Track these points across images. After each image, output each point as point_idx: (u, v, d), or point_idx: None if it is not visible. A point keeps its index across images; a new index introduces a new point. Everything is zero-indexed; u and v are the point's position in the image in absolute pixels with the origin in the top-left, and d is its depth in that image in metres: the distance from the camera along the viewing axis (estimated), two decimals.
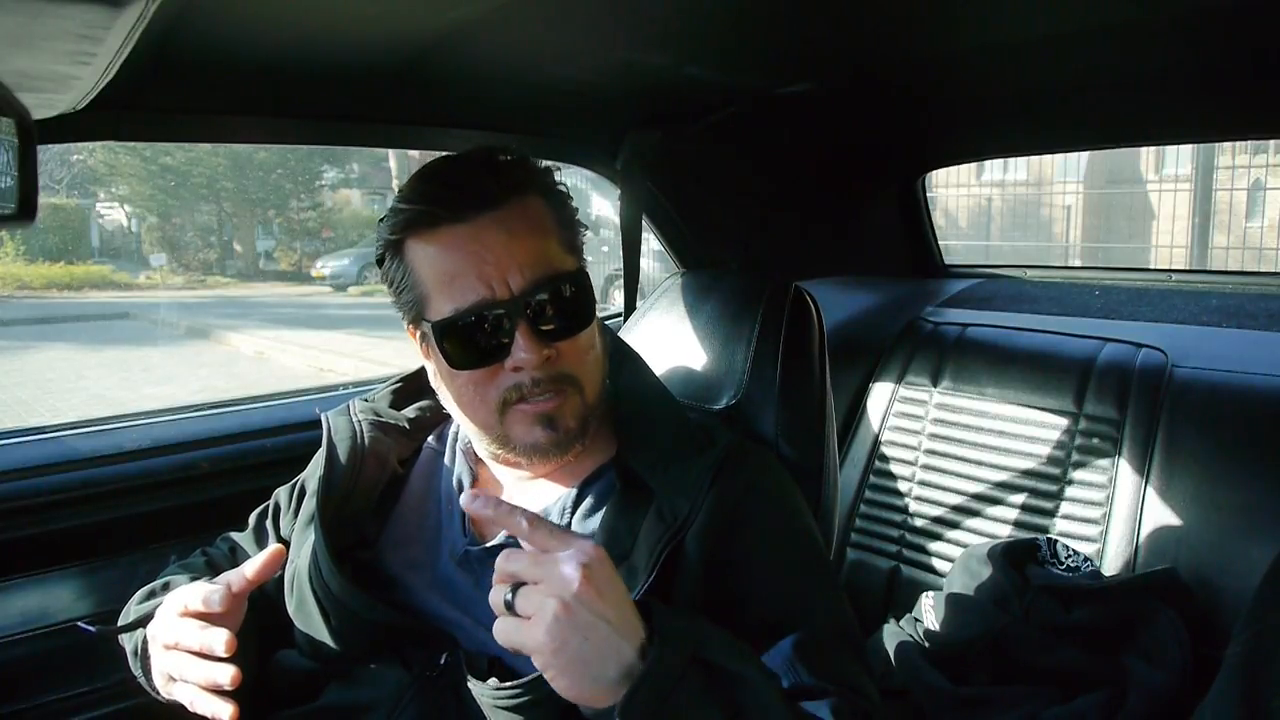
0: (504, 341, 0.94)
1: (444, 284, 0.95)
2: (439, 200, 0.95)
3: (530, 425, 0.97)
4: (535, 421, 0.96)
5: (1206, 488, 1.48)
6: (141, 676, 1.02)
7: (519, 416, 0.97)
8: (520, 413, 0.97)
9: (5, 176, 0.66)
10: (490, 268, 0.93)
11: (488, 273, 0.93)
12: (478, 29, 1.10)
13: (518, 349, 0.93)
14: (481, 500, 0.78)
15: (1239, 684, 0.87)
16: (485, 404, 0.97)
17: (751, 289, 1.24)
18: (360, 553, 1.05)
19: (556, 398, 0.96)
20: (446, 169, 1.00)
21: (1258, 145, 6.17)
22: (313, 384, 3.15)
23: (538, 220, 0.98)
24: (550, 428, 0.97)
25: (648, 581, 0.89)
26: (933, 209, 2.35)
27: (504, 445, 1.00)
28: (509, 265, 0.94)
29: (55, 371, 8.40)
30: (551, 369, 0.96)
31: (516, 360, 0.94)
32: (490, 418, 0.98)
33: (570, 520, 1.01)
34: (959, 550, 1.67)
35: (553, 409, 0.96)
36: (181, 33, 0.98)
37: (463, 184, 0.96)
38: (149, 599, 1.08)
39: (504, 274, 0.93)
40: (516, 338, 0.93)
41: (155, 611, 0.98)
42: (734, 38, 1.24)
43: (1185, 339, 1.72)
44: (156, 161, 14.33)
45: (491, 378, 0.96)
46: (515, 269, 0.94)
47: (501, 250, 0.94)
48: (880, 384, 1.92)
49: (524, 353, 0.93)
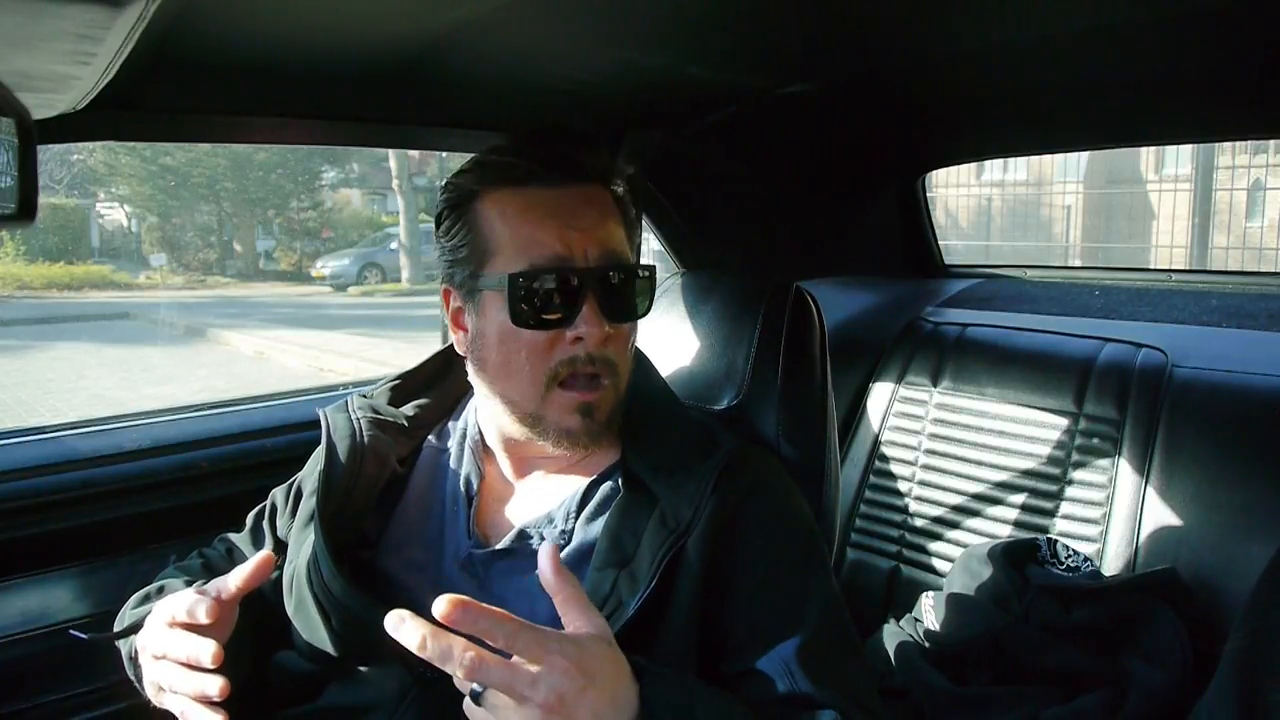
0: (572, 309, 0.95)
1: (522, 240, 0.96)
2: (537, 159, 0.97)
3: (569, 410, 0.98)
4: (575, 408, 0.97)
5: (1206, 488, 1.48)
6: (136, 682, 1.02)
7: (560, 399, 0.98)
8: (563, 396, 0.98)
9: (5, 176, 0.66)
10: (574, 233, 0.95)
11: (570, 237, 0.95)
12: (478, 29, 1.10)
13: (583, 320, 0.94)
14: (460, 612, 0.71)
15: (1237, 679, 0.87)
16: (535, 373, 0.97)
17: (752, 289, 1.24)
18: (360, 553, 1.04)
19: (598, 389, 0.98)
20: (542, 136, 1.01)
21: (1258, 145, 6.16)
22: (312, 384, 3.15)
23: (615, 209, 1.02)
24: (587, 416, 0.98)
25: (649, 588, 0.89)
26: (933, 209, 2.35)
27: (534, 424, 1.00)
28: (590, 237, 0.96)
29: (55, 371, 8.41)
30: (605, 349, 0.97)
31: (579, 330, 0.95)
32: (533, 390, 0.98)
33: (574, 524, 1.01)
34: (959, 550, 1.67)
35: (593, 400, 0.98)
36: (181, 33, 0.98)
37: (561, 151, 0.98)
38: (144, 603, 1.07)
39: (585, 244, 0.95)
40: (583, 309, 0.94)
41: (145, 620, 0.97)
42: (734, 38, 1.24)
43: (1185, 339, 1.72)
44: (156, 161, 14.34)
45: (550, 346, 0.97)
46: (595, 242, 0.96)
47: (586, 221, 0.96)
48: (880, 384, 1.92)
49: (588, 325, 0.94)
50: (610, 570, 0.93)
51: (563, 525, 1.01)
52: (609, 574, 0.93)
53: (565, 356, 0.96)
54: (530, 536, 1.01)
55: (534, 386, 0.98)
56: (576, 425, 0.98)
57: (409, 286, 13.49)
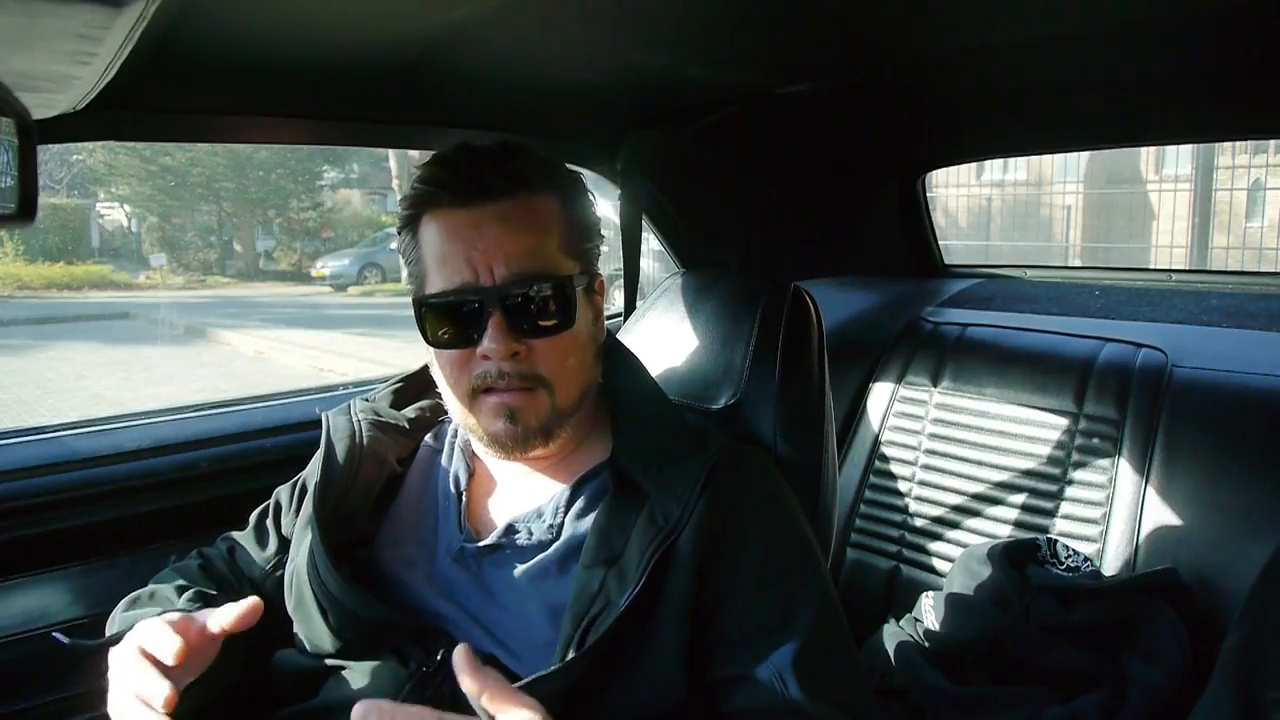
0: (476, 329, 0.96)
1: (438, 263, 0.98)
2: (445, 184, 0.98)
3: (494, 416, 0.99)
4: (499, 413, 0.98)
5: (1206, 488, 1.48)
6: None
7: (485, 405, 0.99)
8: (487, 402, 0.99)
9: (5, 176, 0.66)
10: (478, 254, 0.96)
11: (475, 259, 0.96)
12: (478, 29, 1.10)
13: (487, 338, 0.95)
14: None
15: (1235, 678, 0.87)
16: (459, 387, 1.00)
17: (751, 289, 1.24)
18: (358, 551, 1.05)
19: (522, 394, 0.98)
20: (460, 156, 1.01)
21: (1258, 145, 6.16)
22: (312, 384, 3.15)
23: (540, 219, 1.00)
24: (511, 421, 0.98)
25: (637, 586, 0.89)
26: (933, 209, 2.35)
27: (474, 431, 1.02)
28: (496, 255, 0.96)
29: (55, 371, 8.40)
30: (520, 366, 0.97)
31: (484, 349, 0.96)
32: (462, 401, 1.01)
33: (563, 519, 1.01)
34: (959, 550, 1.67)
35: (516, 403, 0.98)
36: (181, 33, 0.98)
37: (470, 172, 0.98)
38: (133, 606, 1.08)
39: (490, 263, 0.96)
40: (489, 327, 0.95)
41: (124, 634, 0.96)
42: (734, 38, 1.24)
43: (1185, 339, 1.72)
44: (156, 161, 14.33)
45: (465, 362, 0.99)
46: (502, 260, 0.96)
47: (492, 240, 0.96)
48: (880, 384, 1.92)
49: (491, 342, 0.95)
50: (599, 568, 0.93)
51: (551, 520, 1.01)
52: (597, 572, 0.93)
53: (479, 370, 0.98)
54: (518, 531, 1.02)
55: (462, 397, 1.01)
56: (501, 430, 0.99)
57: (409, 286, 13.46)
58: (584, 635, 0.89)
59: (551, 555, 0.99)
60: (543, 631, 0.94)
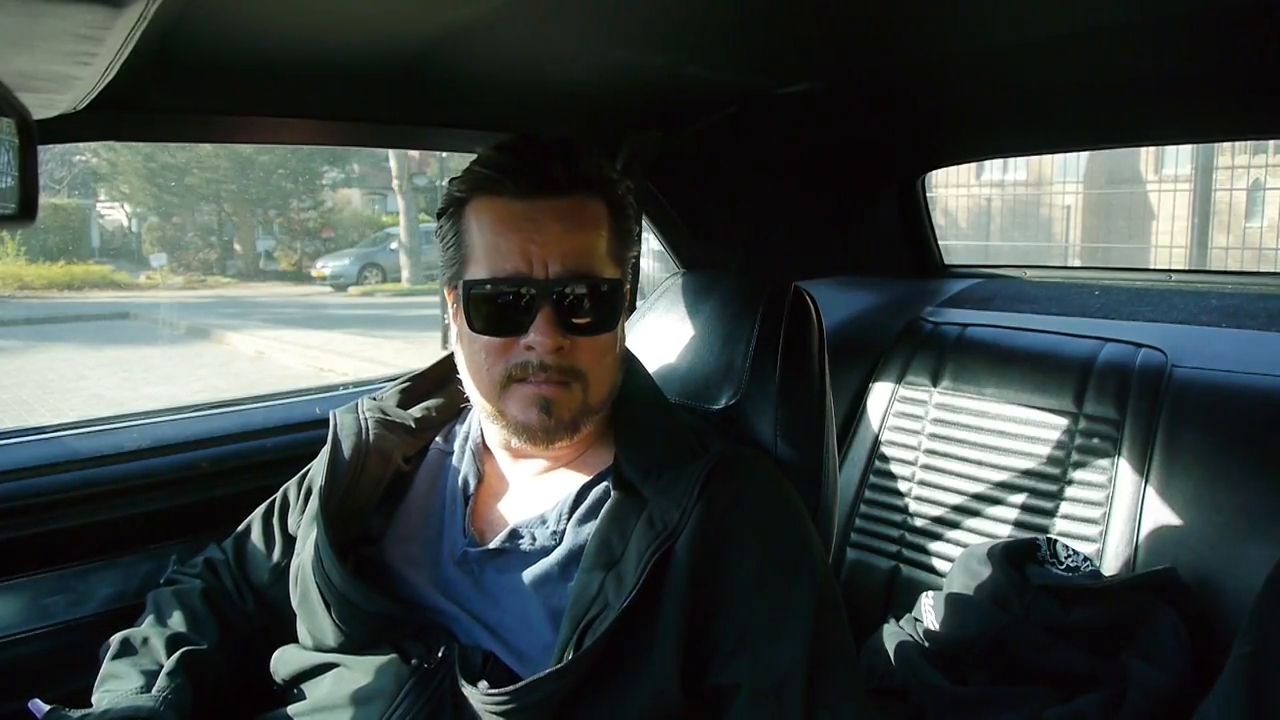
0: (525, 319, 0.97)
1: (489, 250, 0.99)
2: (509, 172, 0.99)
3: (528, 405, 0.99)
4: (533, 402, 0.99)
5: (1206, 488, 1.48)
6: None
7: (519, 394, 1.00)
8: (520, 391, 0.99)
9: (5, 176, 0.66)
10: (535, 247, 0.97)
11: (531, 251, 0.97)
12: (478, 29, 1.10)
13: (535, 330, 0.96)
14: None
15: (1245, 686, 0.87)
16: (491, 374, 1.00)
17: (751, 289, 1.24)
18: (363, 548, 1.06)
19: (559, 387, 0.99)
20: (526, 146, 1.02)
21: (1258, 145, 6.15)
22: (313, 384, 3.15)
23: (594, 221, 1.02)
24: (546, 412, 0.99)
25: (634, 591, 0.89)
26: (933, 209, 2.35)
27: (498, 419, 1.03)
28: (553, 251, 0.97)
29: (56, 371, 8.40)
30: (562, 359, 0.98)
31: (531, 340, 0.97)
32: (492, 388, 1.01)
33: (566, 525, 1.02)
34: (959, 550, 1.67)
35: (553, 395, 0.99)
36: (181, 33, 0.98)
37: (536, 165, 0.99)
38: (122, 650, 1.09)
39: (545, 257, 0.97)
40: (538, 319, 0.96)
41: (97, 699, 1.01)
42: (734, 38, 1.24)
43: (1185, 339, 1.72)
44: (156, 160, 14.33)
45: (505, 350, 0.99)
46: (557, 256, 0.97)
47: (550, 235, 0.97)
48: (880, 384, 1.92)
49: (540, 335, 0.96)
50: (598, 571, 0.94)
51: (555, 526, 1.02)
52: (597, 575, 0.93)
53: (519, 360, 0.99)
54: (522, 536, 1.02)
55: (492, 385, 1.01)
56: (535, 420, 0.99)
57: (409, 286, 13.49)
58: (582, 637, 0.89)
59: (554, 561, 0.99)
60: (544, 634, 0.95)
